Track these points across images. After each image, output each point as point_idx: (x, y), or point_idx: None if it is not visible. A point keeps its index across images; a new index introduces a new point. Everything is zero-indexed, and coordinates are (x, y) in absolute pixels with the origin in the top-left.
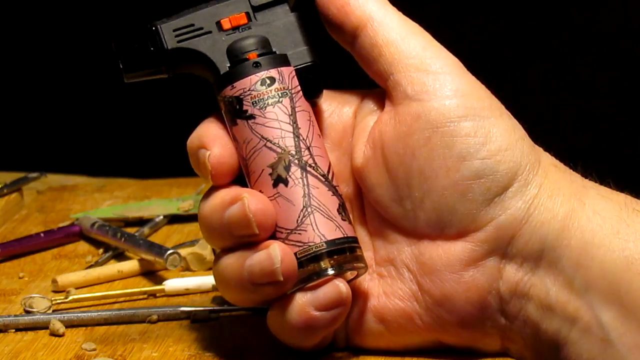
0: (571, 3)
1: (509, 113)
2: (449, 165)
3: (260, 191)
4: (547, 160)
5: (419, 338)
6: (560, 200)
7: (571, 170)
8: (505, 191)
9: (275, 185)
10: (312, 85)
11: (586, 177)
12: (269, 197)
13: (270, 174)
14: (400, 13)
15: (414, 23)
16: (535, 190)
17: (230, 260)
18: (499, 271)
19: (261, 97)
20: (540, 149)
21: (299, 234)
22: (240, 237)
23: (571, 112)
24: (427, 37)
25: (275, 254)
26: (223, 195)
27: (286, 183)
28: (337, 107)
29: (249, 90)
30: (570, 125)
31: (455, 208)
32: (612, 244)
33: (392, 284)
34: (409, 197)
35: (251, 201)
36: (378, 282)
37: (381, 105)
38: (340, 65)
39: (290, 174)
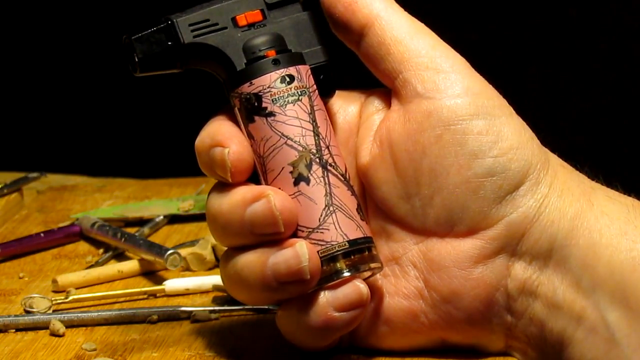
0: (571, 3)
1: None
2: (461, 162)
3: (279, 189)
4: (555, 160)
5: (423, 337)
6: (569, 200)
7: (578, 172)
8: (516, 189)
9: (296, 183)
10: (326, 84)
11: (593, 179)
12: (289, 195)
13: (291, 172)
14: (406, 13)
15: (421, 23)
16: (546, 189)
17: (250, 258)
18: (507, 269)
19: (281, 95)
20: (547, 150)
21: (321, 232)
22: (263, 235)
23: (571, 112)
24: (434, 36)
25: (303, 252)
26: (243, 192)
27: (308, 181)
28: (342, 106)
29: (268, 87)
30: (570, 125)
31: (466, 205)
32: (620, 244)
33: (395, 283)
34: (418, 194)
35: (276, 198)
36: (381, 282)
37: (386, 104)
38: (342, 65)
39: (312, 172)
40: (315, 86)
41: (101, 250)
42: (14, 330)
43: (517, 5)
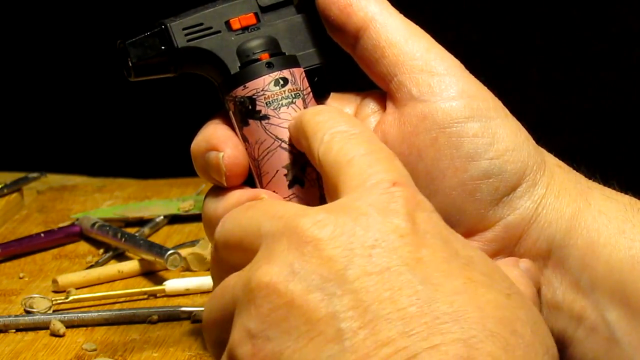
0: (571, 3)
1: (512, 115)
2: (457, 165)
3: (274, 192)
4: (552, 161)
5: None
6: (566, 201)
7: (575, 171)
8: (513, 191)
9: (290, 186)
10: (320, 86)
11: (590, 178)
12: (284, 198)
13: (286, 175)
14: (402, 15)
15: (416, 25)
16: (543, 190)
17: None
18: None
19: (275, 98)
20: (544, 150)
21: None
22: None
23: (571, 112)
24: (429, 39)
25: None
26: (238, 195)
27: (302, 184)
28: (337, 107)
29: (262, 90)
30: (570, 125)
31: (463, 208)
32: (618, 243)
33: None
34: None
35: None
36: None
37: (382, 106)
38: (339, 67)
39: (306, 174)
40: (309, 89)
41: (101, 251)
42: (14, 331)
43: (517, 5)
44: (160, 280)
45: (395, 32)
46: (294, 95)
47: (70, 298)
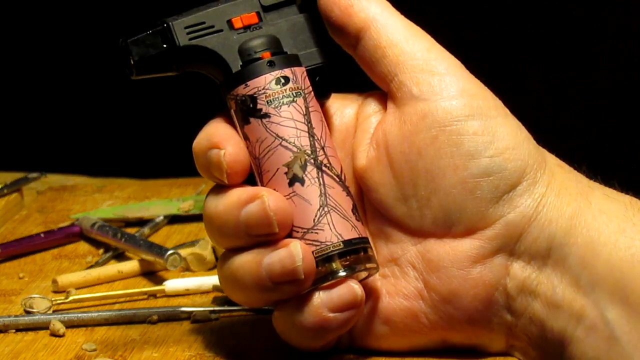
0: (571, 3)
1: (512, 115)
2: (457, 163)
3: (274, 190)
4: (552, 160)
5: (423, 338)
6: (567, 200)
7: (575, 171)
8: (513, 189)
9: (291, 184)
10: (322, 86)
11: (591, 179)
12: (284, 196)
13: (286, 173)
14: (402, 16)
15: (416, 26)
16: (543, 189)
17: (245, 259)
18: (506, 268)
19: (276, 96)
20: (545, 150)
21: (316, 233)
22: (258, 235)
23: (571, 112)
24: (429, 39)
25: (297, 252)
26: (239, 193)
27: (302, 182)
28: (339, 108)
29: (263, 89)
30: (571, 125)
31: (464, 206)
32: (618, 242)
33: (395, 283)
34: (415, 195)
35: (271, 199)
36: (381, 282)
37: (383, 107)
38: (341, 68)
39: (306, 173)
40: (310, 88)
41: (101, 251)
42: (14, 331)
43: (517, 5)
44: (160, 281)
45: (396, 32)
46: (295, 94)
47: (70, 298)
